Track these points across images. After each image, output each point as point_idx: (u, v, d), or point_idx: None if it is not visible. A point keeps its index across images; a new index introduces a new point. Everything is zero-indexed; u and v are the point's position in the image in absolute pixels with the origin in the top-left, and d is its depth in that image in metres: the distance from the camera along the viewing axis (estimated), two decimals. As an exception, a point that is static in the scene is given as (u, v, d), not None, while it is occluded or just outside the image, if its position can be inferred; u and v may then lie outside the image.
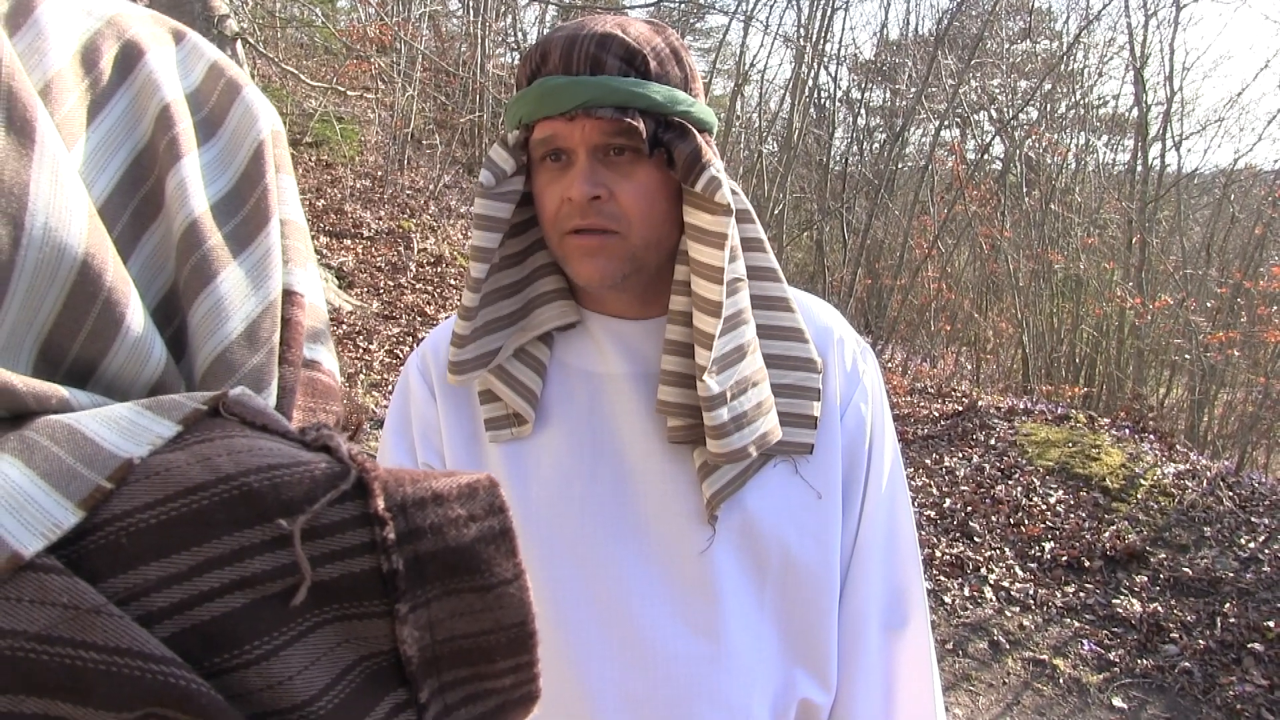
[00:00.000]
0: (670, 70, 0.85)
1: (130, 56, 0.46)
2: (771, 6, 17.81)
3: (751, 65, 11.99)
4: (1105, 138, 12.46)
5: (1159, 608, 4.08)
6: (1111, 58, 12.07)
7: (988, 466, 5.57)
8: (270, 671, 0.33)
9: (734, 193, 0.89)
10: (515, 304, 0.94)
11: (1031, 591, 4.27)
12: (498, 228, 0.87)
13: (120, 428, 0.35)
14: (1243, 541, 4.57)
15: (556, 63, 0.83)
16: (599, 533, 0.90)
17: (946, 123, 9.48)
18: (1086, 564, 4.45)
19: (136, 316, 0.40)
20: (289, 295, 0.46)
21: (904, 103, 11.13)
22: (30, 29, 0.42)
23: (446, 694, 0.38)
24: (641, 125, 0.81)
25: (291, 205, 0.49)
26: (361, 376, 5.86)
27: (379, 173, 10.08)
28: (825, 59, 10.67)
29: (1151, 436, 6.06)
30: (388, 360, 6.30)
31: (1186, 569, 4.37)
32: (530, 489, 0.92)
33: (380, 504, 0.35)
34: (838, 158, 12.47)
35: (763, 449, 0.87)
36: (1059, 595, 4.26)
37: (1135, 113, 10.49)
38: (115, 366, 0.40)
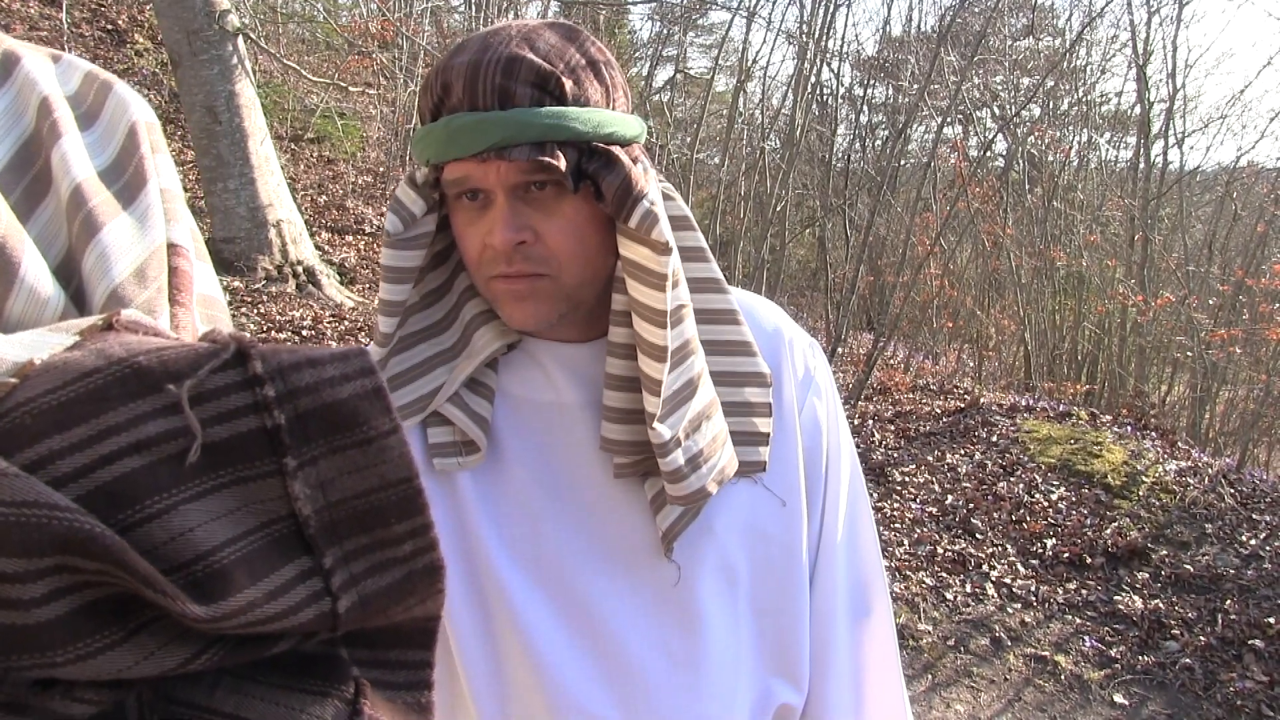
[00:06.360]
0: (588, 86, 0.76)
1: (9, 62, 0.51)
2: (774, 3, 17.73)
3: (754, 62, 11.98)
4: (1108, 135, 12.46)
5: (1160, 604, 4.09)
6: (1114, 55, 12.08)
7: (990, 463, 5.58)
8: (171, 525, 0.36)
9: (669, 197, 0.82)
10: (453, 335, 0.87)
11: (1033, 588, 4.28)
12: (408, 278, 0.80)
13: (22, 344, 0.39)
14: (1244, 538, 4.57)
15: (461, 96, 0.74)
16: (572, 571, 0.86)
17: (949, 120, 9.47)
18: (1088, 561, 4.45)
19: (32, 263, 0.45)
20: (173, 247, 0.52)
21: (906, 99, 11.12)
22: None
23: (351, 563, 0.40)
24: (562, 161, 0.73)
25: (167, 177, 0.55)
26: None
27: (381, 169, 10.08)
28: (828, 55, 10.64)
29: (1153, 434, 6.06)
30: (390, 356, 6.30)
31: (1188, 566, 4.38)
32: (499, 517, 0.86)
33: (259, 366, 0.39)
34: (840, 154, 12.45)
35: (721, 484, 0.83)
36: (1060, 592, 4.26)
37: (1138, 110, 10.48)
38: (16, 312, 0.44)
